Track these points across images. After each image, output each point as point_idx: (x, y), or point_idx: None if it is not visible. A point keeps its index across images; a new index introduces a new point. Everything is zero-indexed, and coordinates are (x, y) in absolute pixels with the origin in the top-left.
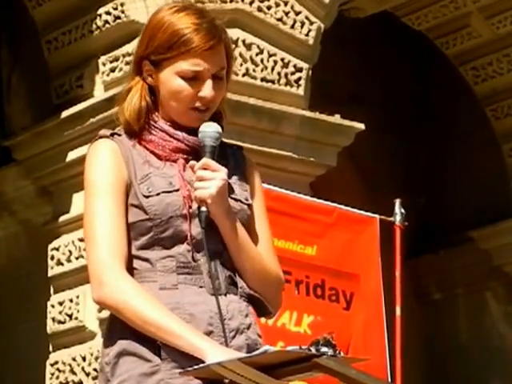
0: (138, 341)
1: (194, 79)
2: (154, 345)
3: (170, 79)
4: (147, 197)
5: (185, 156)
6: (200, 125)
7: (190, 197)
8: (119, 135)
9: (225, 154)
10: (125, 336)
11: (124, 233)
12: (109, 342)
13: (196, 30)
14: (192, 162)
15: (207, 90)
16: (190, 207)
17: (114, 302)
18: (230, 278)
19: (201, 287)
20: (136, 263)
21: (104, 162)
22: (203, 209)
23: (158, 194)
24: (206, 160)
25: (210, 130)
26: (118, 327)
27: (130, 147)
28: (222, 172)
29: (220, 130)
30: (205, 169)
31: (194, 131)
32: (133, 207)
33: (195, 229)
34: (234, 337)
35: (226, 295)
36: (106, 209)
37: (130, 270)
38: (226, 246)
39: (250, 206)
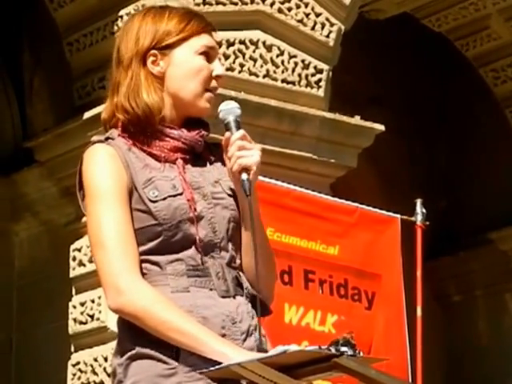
0: (153, 343)
1: (207, 59)
2: (171, 347)
3: (189, 58)
4: (154, 201)
5: (182, 155)
6: (208, 111)
7: (194, 199)
8: (113, 139)
9: (211, 151)
10: (138, 339)
11: (133, 238)
12: (121, 344)
13: (196, 15)
14: (227, 134)
15: (220, 68)
16: (195, 209)
17: (133, 310)
18: (236, 279)
19: (211, 290)
20: (144, 267)
21: (104, 167)
22: (244, 176)
23: (164, 199)
24: (243, 131)
25: (231, 107)
26: (130, 330)
27: (126, 151)
28: (257, 144)
29: (238, 105)
30: (241, 139)
31: (190, 125)
32: (138, 212)
33: (201, 231)
34: (244, 339)
35: (234, 297)
36: (113, 215)
37: (141, 274)
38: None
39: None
